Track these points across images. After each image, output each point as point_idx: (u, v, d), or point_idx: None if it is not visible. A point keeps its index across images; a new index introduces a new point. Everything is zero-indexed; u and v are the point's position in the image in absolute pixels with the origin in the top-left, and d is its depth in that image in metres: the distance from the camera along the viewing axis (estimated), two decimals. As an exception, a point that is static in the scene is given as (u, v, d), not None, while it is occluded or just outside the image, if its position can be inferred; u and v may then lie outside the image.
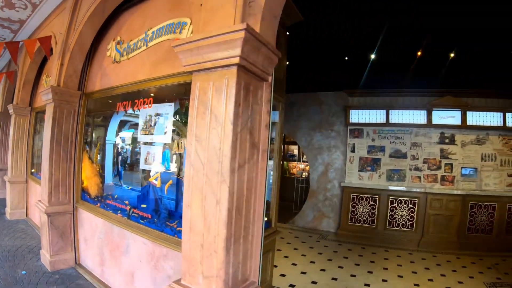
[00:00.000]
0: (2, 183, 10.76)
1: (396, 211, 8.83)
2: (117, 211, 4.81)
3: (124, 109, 4.89)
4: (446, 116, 8.72)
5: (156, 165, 4.28)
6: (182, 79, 3.44)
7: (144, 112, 4.48)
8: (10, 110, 8.95)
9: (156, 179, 4.20)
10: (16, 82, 9.00)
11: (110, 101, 5.24)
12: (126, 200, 4.73)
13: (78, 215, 5.80)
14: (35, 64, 8.06)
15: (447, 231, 8.47)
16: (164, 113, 4.20)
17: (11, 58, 7.55)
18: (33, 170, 8.84)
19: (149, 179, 4.37)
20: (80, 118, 5.82)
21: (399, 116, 9.07)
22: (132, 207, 4.54)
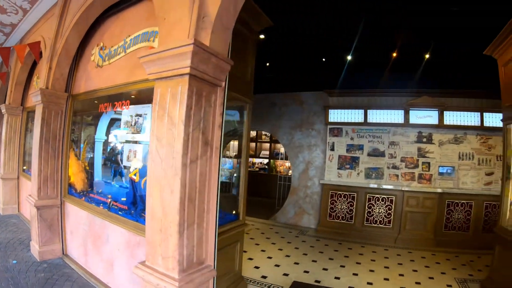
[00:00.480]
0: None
1: (374, 208, 9.16)
2: (99, 204, 5.23)
3: (105, 110, 5.31)
4: (423, 116, 9.04)
5: (135, 162, 4.68)
6: (153, 84, 3.91)
7: (125, 113, 4.89)
8: (2, 110, 9.28)
9: (135, 175, 4.61)
10: (8, 83, 9.35)
11: (96, 102, 5.62)
12: (109, 195, 5.12)
13: (65, 208, 6.20)
14: (26, 66, 8.44)
15: (424, 228, 8.79)
16: (143, 113, 4.60)
17: (3, 62, 7.97)
18: (24, 167, 9.20)
19: (129, 175, 4.77)
20: (67, 118, 6.22)
21: (377, 115, 9.38)
22: (113, 200, 4.95)
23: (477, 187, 8.67)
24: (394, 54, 8.76)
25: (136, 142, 4.76)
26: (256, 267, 6.48)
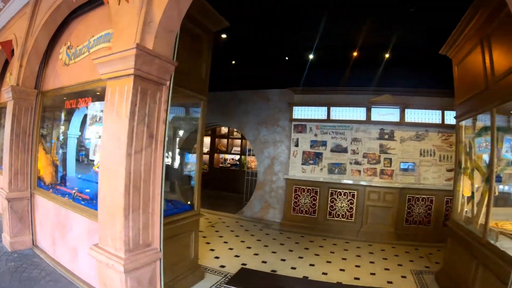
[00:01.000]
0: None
1: (336, 203, 9.54)
2: (65, 195, 5.57)
3: (70, 106, 5.68)
4: (385, 113, 9.45)
5: (99, 155, 5.03)
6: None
7: (91, 109, 5.25)
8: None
9: (98, 168, 4.99)
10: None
11: (65, 98, 5.91)
12: (76, 187, 5.46)
13: (35, 200, 6.51)
14: (-1, 63, 8.67)
15: (385, 222, 9.18)
16: (106, 109, 5.01)
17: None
18: (-3, 163, 9.38)
19: (93, 168, 5.14)
20: (37, 114, 6.54)
21: (340, 112, 9.75)
22: (79, 192, 5.29)
23: (438, 182, 9.02)
24: (355, 53, 9.06)
25: (100, 137, 5.06)
26: (216, 257, 6.75)
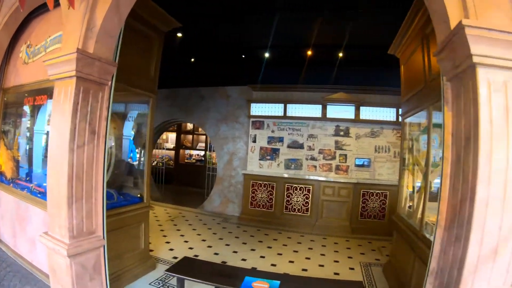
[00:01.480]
0: None
1: (292, 197, 9.83)
2: (24, 189, 5.86)
3: (28, 103, 5.99)
4: (340, 111, 9.81)
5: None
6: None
7: (49, 107, 5.52)
8: None
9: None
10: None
11: (26, 95, 6.16)
12: (35, 181, 5.74)
13: (-4, 195, 6.74)
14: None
15: (340, 216, 9.53)
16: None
17: None
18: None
19: (51, 162, 5.47)
20: (-1, 110, 6.75)
21: (297, 109, 10.09)
22: (38, 186, 5.57)
23: (393, 178, 9.32)
24: (310, 52, 9.41)
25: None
26: (171, 249, 7.02)
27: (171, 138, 17.50)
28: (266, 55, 9.86)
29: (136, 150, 6.52)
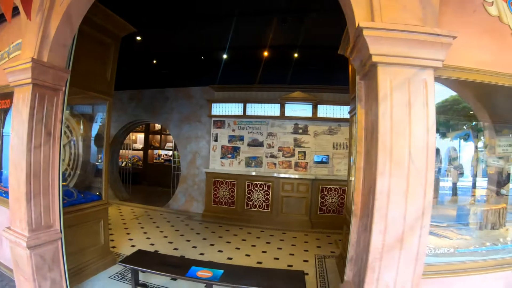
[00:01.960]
0: None
1: (253, 194, 10.24)
2: (-10, 190, 6.16)
3: (-5, 107, 6.25)
4: (298, 109, 10.19)
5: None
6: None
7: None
8: None
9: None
10: None
11: None
12: (2, 182, 6.04)
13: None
14: None
15: (299, 211, 9.95)
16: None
17: None
18: None
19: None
20: (-35, 114, 7.02)
21: (256, 108, 10.50)
22: (4, 186, 5.86)
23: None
24: (266, 53, 9.71)
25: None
26: (133, 246, 7.33)
27: (139, 138, 17.75)
28: (225, 56, 10.11)
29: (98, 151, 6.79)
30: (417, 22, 2.80)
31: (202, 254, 7.05)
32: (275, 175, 10.14)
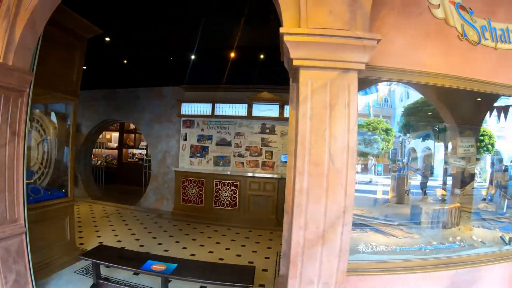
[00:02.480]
0: None
1: (221, 192, 10.54)
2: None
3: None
4: (265, 109, 10.54)
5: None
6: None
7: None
8: None
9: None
10: None
11: None
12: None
13: None
14: None
15: (266, 209, 10.24)
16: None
17: None
18: None
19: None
20: None
21: (224, 108, 10.81)
22: None
23: None
24: (233, 54, 9.86)
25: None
26: (100, 242, 7.47)
27: (114, 137, 17.89)
28: (193, 57, 10.22)
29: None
30: (343, 26, 2.96)
31: (166, 251, 7.29)
32: (242, 174, 10.45)
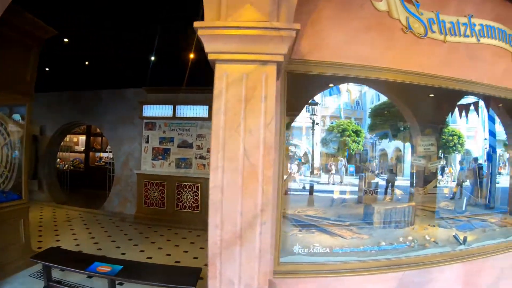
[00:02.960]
0: None
1: (183, 195, 10.60)
2: None
3: None
4: None
5: None
6: None
7: None
8: None
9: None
10: None
11: None
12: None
13: None
14: None
15: None
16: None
17: None
18: None
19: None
20: None
21: (185, 110, 10.90)
22: None
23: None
24: (192, 56, 9.94)
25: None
26: (58, 246, 7.42)
27: (81, 140, 17.80)
28: (152, 58, 10.21)
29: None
30: (264, 18, 2.86)
31: (123, 254, 7.35)
32: (204, 176, 10.29)
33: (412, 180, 6.22)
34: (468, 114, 5.99)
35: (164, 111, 11.08)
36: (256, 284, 2.92)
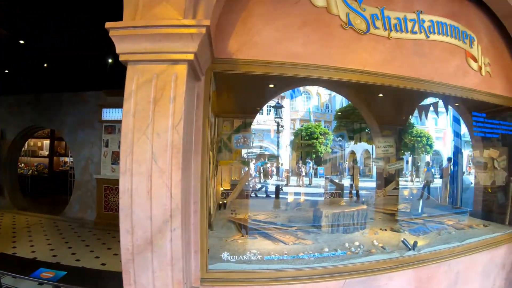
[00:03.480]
0: None
1: None
2: None
3: None
4: None
5: None
6: None
7: None
8: None
9: None
10: None
11: None
12: None
13: None
14: None
15: None
16: None
17: None
18: None
19: None
20: None
21: None
22: None
23: None
24: None
25: None
26: (14, 253, 7.49)
27: (46, 145, 17.59)
28: (110, 60, 10.16)
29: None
30: (178, 16, 2.81)
31: (78, 261, 7.34)
32: None
33: (377, 182, 6.29)
34: (427, 115, 5.95)
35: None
36: (172, 292, 2.91)
